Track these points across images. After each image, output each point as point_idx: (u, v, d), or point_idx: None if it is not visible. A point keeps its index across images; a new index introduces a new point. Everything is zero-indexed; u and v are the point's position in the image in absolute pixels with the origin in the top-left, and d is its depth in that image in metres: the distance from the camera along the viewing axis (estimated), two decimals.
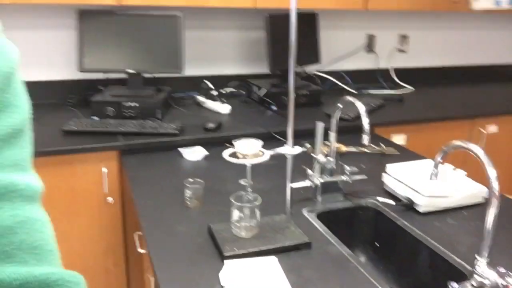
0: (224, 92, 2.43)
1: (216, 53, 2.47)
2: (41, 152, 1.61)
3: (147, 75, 2.17)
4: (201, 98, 2.26)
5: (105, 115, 1.92)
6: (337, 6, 2.25)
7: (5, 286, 0.32)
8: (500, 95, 2.74)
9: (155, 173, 1.55)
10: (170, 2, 1.98)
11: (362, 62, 2.80)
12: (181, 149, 1.73)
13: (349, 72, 2.73)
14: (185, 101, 2.30)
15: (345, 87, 2.65)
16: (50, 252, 0.37)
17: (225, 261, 1.02)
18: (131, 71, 2.04)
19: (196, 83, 2.39)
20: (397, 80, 2.82)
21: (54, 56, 2.20)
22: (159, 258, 1.06)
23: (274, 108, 2.19)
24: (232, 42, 2.48)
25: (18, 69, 0.40)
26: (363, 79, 2.76)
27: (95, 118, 1.90)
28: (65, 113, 2.02)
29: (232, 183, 1.47)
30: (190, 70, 2.41)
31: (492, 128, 2.41)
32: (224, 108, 2.15)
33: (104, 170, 1.71)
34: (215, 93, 2.28)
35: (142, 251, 1.32)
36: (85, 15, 1.99)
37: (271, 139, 1.85)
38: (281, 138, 1.86)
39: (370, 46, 2.76)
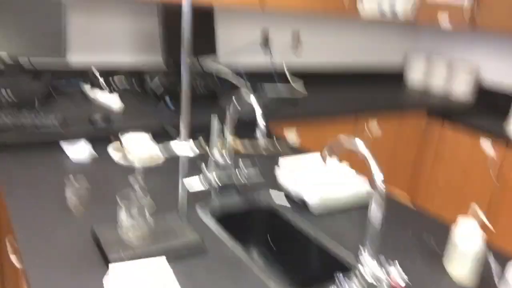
0: (113, 81, 2.28)
1: (106, 40, 2.30)
2: None
3: (23, 60, 1.94)
4: (87, 88, 2.09)
5: None
6: (233, 1, 2.23)
7: None
8: (381, 95, 2.98)
9: (33, 172, 1.39)
10: None
11: (259, 58, 2.84)
12: (63, 145, 1.58)
13: (246, 67, 2.75)
14: (69, 91, 2.11)
15: (239, 84, 2.66)
16: None
17: (110, 265, 0.95)
18: (2, 53, 1.80)
19: (82, 72, 2.21)
20: (291, 81, 2.91)
21: None
22: (36, 270, 0.94)
23: (169, 101, 2.11)
24: (124, 29, 2.34)
25: None
26: (259, 75, 2.81)
27: None
28: None
29: (120, 181, 1.38)
30: (75, 56, 2.22)
31: (373, 125, 2.61)
32: (112, 99, 2.01)
33: None
34: (102, 82, 2.13)
35: (15, 260, 1.18)
36: None
37: (164, 134, 1.78)
38: (172, 135, 1.79)
39: (265, 41, 2.80)
